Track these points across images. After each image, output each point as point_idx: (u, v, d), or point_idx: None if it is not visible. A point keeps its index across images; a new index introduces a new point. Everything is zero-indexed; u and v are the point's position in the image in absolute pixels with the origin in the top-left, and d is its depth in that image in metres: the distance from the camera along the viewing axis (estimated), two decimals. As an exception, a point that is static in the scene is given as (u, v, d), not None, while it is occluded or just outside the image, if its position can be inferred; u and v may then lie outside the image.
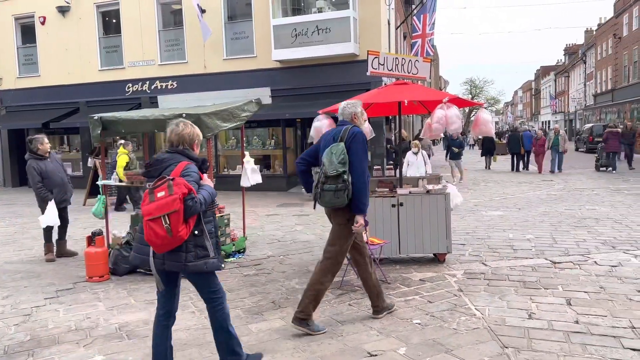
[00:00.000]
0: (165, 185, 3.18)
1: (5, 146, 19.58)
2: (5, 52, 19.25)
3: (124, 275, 6.39)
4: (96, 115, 6.88)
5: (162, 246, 3.21)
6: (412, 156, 10.68)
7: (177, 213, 3.12)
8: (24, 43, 19.25)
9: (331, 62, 14.79)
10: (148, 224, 3.17)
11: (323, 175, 4.06)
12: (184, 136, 3.48)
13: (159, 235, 3.14)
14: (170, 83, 16.88)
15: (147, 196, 3.23)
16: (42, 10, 18.29)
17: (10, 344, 4.30)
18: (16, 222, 11.06)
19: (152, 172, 3.42)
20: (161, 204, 3.14)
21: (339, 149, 4.07)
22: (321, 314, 4.79)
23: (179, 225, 3.15)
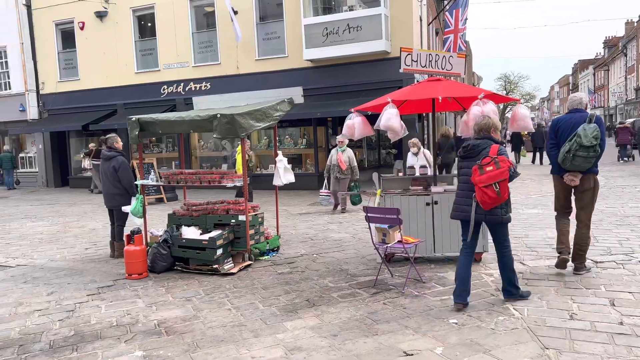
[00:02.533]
0: (492, 162, 4.48)
1: (48, 148, 20.29)
2: (47, 58, 19.95)
3: (162, 272, 6.54)
4: (134, 117, 7.06)
5: (490, 204, 4.53)
6: (411, 157, 10.16)
7: (505, 181, 4.45)
8: (64, 48, 19.89)
9: (362, 60, 14.74)
10: (482, 190, 4.48)
11: (577, 145, 5.16)
12: (486, 126, 4.80)
13: (491, 197, 4.46)
14: (204, 84, 17.15)
15: (477, 170, 4.52)
16: (81, 15, 18.86)
17: (55, 339, 4.46)
18: (58, 221, 11.45)
19: (472, 154, 4.73)
20: (492, 174, 4.44)
21: (591, 127, 5.16)
22: (355, 312, 4.79)
23: (505, 189, 4.48)
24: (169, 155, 18.76)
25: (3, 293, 5.89)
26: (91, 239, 9.12)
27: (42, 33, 19.89)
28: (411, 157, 10.04)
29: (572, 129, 5.36)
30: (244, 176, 7.02)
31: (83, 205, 14.24)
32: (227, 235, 6.69)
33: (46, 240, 9.16)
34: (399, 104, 6.26)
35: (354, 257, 7.01)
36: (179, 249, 6.65)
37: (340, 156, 10.68)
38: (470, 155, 4.74)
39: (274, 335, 4.33)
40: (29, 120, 20.21)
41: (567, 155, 5.27)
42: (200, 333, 4.45)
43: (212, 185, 7.26)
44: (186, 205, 7.55)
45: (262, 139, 17.51)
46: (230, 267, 6.52)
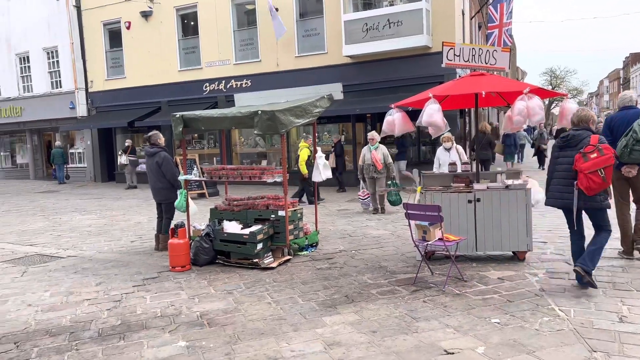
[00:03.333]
0: (595, 149, 4.74)
1: (96, 144, 21.06)
2: (96, 57, 20.69)
3: (204, 265, 6.68)
4: (178, 114, 7.24)
5: (596, 190, 4.75)
6: (443, 153, 9.33)
7: (610, 167, 4.70)
8: (111, 47, 20.58)
9: (402, 55, 14.58)
10: (587, 176, 4.70)
11: (634, 140, 5.37)
12: (585, 117, 5.04)
13: (596, 182, 4.68)
14: (244, 81, 17.39)
15: (581, 158, 4.77)
16: (128, 15, 19.45)
17: (104, 327, 4.63)
18: (106, 214, 11.88)
19: (571, 143, 4.97)
20: (597, 161, 4.69)
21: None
22: (394, 309, 4.76)
23: (609, 175, 4.71)
24: (210, 151, 19.13)
25: (55, 282, 6.16)
26: (136, 232, 9.42)
27: (91, 33, 20.64)
28: (442, 153, 9.33)
29: (627, 124, 5.58)
30: (284, 172, 7.07)
31: (128, 199, 14.71)
32: (267, 230, 6.77)
33: (94, 233, 9.52)
34: (440, 99, 6.17)
35: (393, 254, 6.97)
36: (220, 243, 6.78)
37: (374, 154, 10.11)
38: (570, 145, 4.98)
39: (313, 329, 4.36)
40: (78, 117, 21.03)
41: (625, 150, 5.46)
42: (241, 325, 4.53)
43: (252, 181, 7.36)
44: (228, 200, 7.68)
45: (300, 135, 17.59)
46: (270, 262, 6.60)
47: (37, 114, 22.22)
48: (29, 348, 4.21)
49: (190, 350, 4.04)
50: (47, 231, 9.87)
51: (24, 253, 7.93)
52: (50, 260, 7.35)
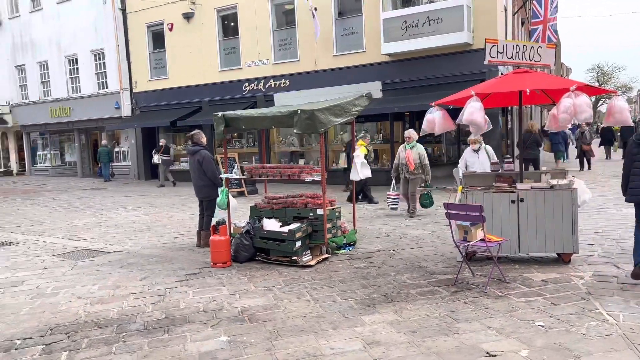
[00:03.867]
0: None
1: (139, 143, 21.69)
2: (140, 58, 21.31)
3: (244, 262, 6.80)
4: (220, 113, 7.38)
5: None
6: (471, 155, 8.77)
7: None
8: (154, 49, 21.14)
9: (442, 52, 14.37)
10: None
11: None
12: None
13: None
14: (283, 81, 17.53)
15: None
16: (170, 17, 19.94)
17: (149, 321, 4.78)
18: (149, 211, 12.23)
19: None
20: None
21: None
22: (434, 309, 4.71)
23: None
24: (249, 150, 19.38)
25: (103, 276, 6.40)
26: (179, 229, 9.67)
27: (135, 35, 21.27)
28: (470, 154, 8.76)
29: None
30: (323, 170, 7.11)
31: (171, 197, 15.10)
32: (306, 228, 6.82)
33: (139, 229, 9.82)
34: (482, 97, 6.05)
35: (432, 254, 6.89)
36: (260, 240, 6.87)
37: (409, 154, 9.70)
38: None
39: (352, 328, 4.37)
40: (123, 117, 21.71)
41: None
42: (281, 322, 4.58)
43: (291, 179, 7.43)
44: (267, 198, 7.78)
45: (337, 134, 17.62)
46: (309, 260, 6.65)
47: (84, 113, 23.08)
48: (79, 338, 4.40)
49: (231, 345, 4.12)
50: (94, 227, 10.26)
51: (73, 248, 8.27)
52: (97, 255, 7.64)
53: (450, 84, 13.75)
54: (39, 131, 26.31)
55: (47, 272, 6.70)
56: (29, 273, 6.71)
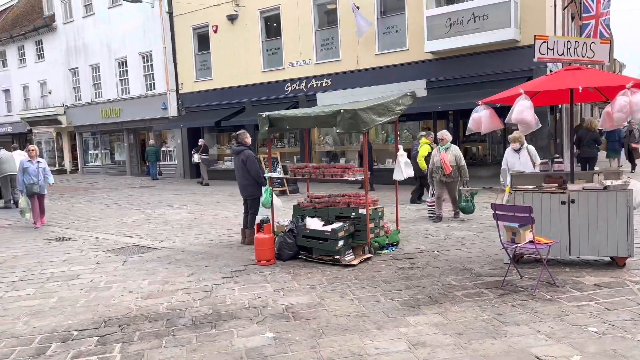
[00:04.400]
0: None
1: (185, 143, 22.25)
2: (186, 60, 21.87)
3: (287, 260, 6.87)
4: (264, 113, 7.49)
5: None
6: (512, 155, 8.27)
7: None
8: (199, 50, 21.65)
9: (488, 50, 14.06)
10: None
11: None
12: None
13: None
14: (324, 81, 17.59)
15: None
16: (215, 19, 20.36)
17: (197, 316, 4.91)
18: (195, 209, 12.54)
19: None
20: None
21: None
22: (481, 312, 4.63)
23: None
24: (290, 150, 19.56)
25: (152, 272, 6.62)
26: (223, 227, 9.87)
27: (181, 37, 21.84)
28: (511, 155, 8.28)
29: None
30: (365, 170, 7.09)
31: (215, 195, 15.42)
32: (348, 228, 6.83)
33: (185, 226, 10.09)
34: (531, 95, 5.89)
35: (478, 256, 6.76)
36: (303, 239, 6.93)
37: (444, 156, 9.19)
38: None
39: (397, 328, 4.35)
40: (169, 117, 22.34)
41: None
42: (325, 320, 4.61)
43: (334, 179, 7.46)
44: (310, 197, 7.84)
45: (379, 133, 17.53)
46: (351, 259, 6.65)
47: (133, 114, 23.90)
48: (131, 331, 4.57)
49: (277, 342, 4.18)
50: (143, 224, 10.61)
51: (123, 244, 8.58)
52: (147, 251, 7.90)
53: (496, 82, 13.45)
54: (90, 131, 27.43)
55: (100, 267, 6.99)
56: (83, 267, 7.01)
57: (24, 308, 5.33)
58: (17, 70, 30.25)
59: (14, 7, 34.13)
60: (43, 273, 6.78)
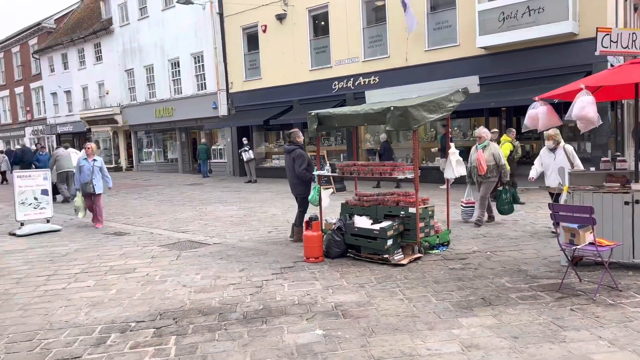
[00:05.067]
0: None
1: (235, 141, 22.67)
2: (236, 60, 22.28)
3: (336, 258, 6.87)
4: (313, 112, 7.51)
5: None
6: (547, 155, 7.74)
7: None
8: (249, 50, 22.00)
9: (543, 44, 13.54)
10: None
11: None
12: None
13: None
14: (372, 78, 17.48)
15: None
16: (264, 19, 20.63)
17: (248, 311, 4.99)
18: (245, 206, 12.76)
19: None
20: None
21: None
22: (537, 315, 4.47)
23: None
24: (337, 148, 19.56)
25: (204, 267, 6.79)
26: (272, 224, 9.99)
27: (231, 37, 22.27)
28: (546, 154, 7.74)
29: None
30: (416, 168, 6.99)
31: (264, 193, 15.64)
32: (398, 227, 6.75)
33: (235, 223, 10.28)
34: (592, 91, 5.63)
35: (533, 257, 6.53)
36: (351, 237, 6.91)
37: (480, 155, 8.62)
38: None
39: (449, 330, 4.26)
40: (219, 116, 22.83)
41: None
42: (375, 319, 4.58)
43: (383, 177, 7.39)
44: (358, 195, 7.81)
45: (428, 131, 17.24)
46: (401, 258, 6.57)
47: (185, 113, 24.59)
48: (185, 324, 4.69)
49: (327, 339, 4.19)
50: (195, 220, 10.89)
51: (177, 239, 8.84)
52: (199, 247, 8.11)
53: (552, 77, 12.96)
54: (144, 130, 28.44)
55: (154, 261, 7.23)
56: (139, 261, 7.27)
57: (85, 299, 5.59)
58: (77, 72, 31.75)
59: (74, 11, 35.86)
60: (102, 266, 7.08)
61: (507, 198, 8.70)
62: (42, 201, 10.30)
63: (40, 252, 8.17)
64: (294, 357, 3.88)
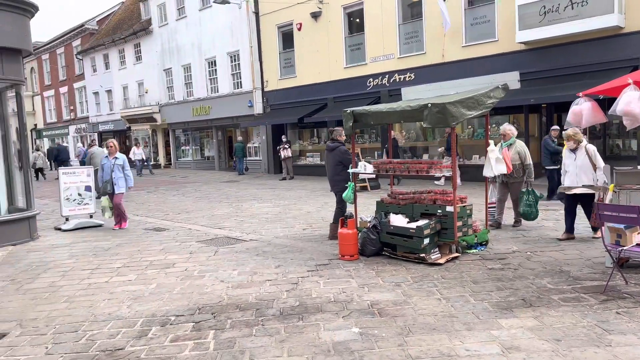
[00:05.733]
0: None
1: (269, 139, 22.87)
2: (271, 58, 22.45)
3: (371, 256, 6.85)
4: (349, 109, 7.50)
5: None
6: (568, 155, 7.22)
7: None
8: (284, 48, 22.13)
9: (587, 38, 13.09)
10: None
11: None
12: None
13: None
14: (408, 75, 17.30)
15: None
16: (299, 17, 20.70)
17: (284, 307, 5.03)
18: (279, 203, 12.86)
19: None
20: None
21: None
22: (581, 318, 4.33)
23: None
24: (371, 145, 19.45)
25: (241, 263, 6.88)
26: (307, 221, 10.03)
27: (267, 36, 22.44)
28: (567, 155, 7.23)
29: None
30: (454, 166, 6.88)
31: (298, 190, 15.73)
32: (434, 225, 6.66)
33: (271, 220, 10.38)
34: (640, 86, 5.40)
35: (576, 258, 6.33)
36: (387, 235, 6.87)
37: (505, 153, 7.97)
38: None
39: (488, 331, 4.18)
40: (255, 114, 23.07)
41: None
42: (412, 319, 4.54)
43: (419, 175, 7.30)
44: (393, 193, 7.75)
45: (465, 128, 16.94)
46: (438, 258, 6.49)
47: (221, 112, 24.96)
48: (223, 319, 4.77)
49: (363, 337, 4.18)
50: (232, 216, 11.05)
51: (214, 235, 8.99)
52: (236, 243, 8.22)
53: (595, 73, 12.54)
54: (182, 128, 29.02)
55: (193, 257, 7.37)
56: (178, 256, 7.44)
57: (127, 292, 5.75)
58: (118, 72, 32.66)
59: (115, 12, 36.91)
60: (143, 261, 7.28)
61: (529, 200, 8.01)
62: (86, 197, 10.66)
63: (83, 247, 8.46)
64: (331, 355, 3.89)
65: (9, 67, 8.87)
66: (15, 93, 9.46)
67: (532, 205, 8.00)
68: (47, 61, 41.15)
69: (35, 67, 42.46)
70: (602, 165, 6.83)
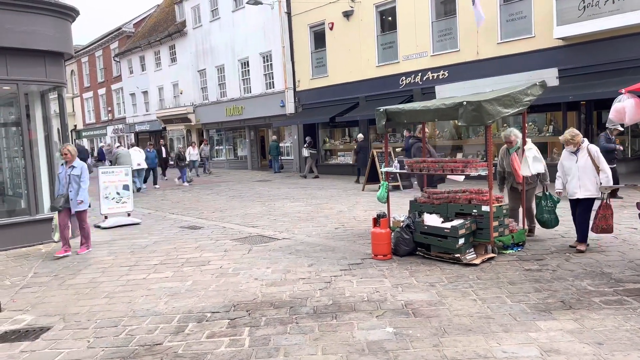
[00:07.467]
0: None
1: (301, 139, 22.96)
2: (303, 58, 22.54)
3: (404, 256, 6.80)
4: (382, 108, 7.46)
5: None
6: (568, 158, 6.72)
7: None
8: (316, 48, 22.18)
9: (628, 33, 12.62)
10: None
11: None
12: None
13: None
14: (441, 73, 17.07)
15: None
16: (331, 16, 20.71)
17: (318, 306, 5.05)
18: (311, 202, 12.91)
19: None
20: None
21: None
22: (624, 321, 4.19)
23: None
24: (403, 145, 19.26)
25: (275, 261, 6.94)
26: (339, 220, 10.03)
27: (299, 36, 22.54)
28: (567, 157, 6.73)
29: None
30: (490, 165, 6.76)
31: (330, 189, 15.74)
32: (470, 225, 6.56)
33: (303, 219, 10.42)
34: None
35: (618, 260, 6.13)
36: (420, 235, 6.81)
37: (514, 159, 7.38)
38: None
39: (526, 332, 4.10)
40: (287, 114, 23.20)
41: None
42: (447, 319, 4.49)
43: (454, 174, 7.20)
44: (427, 193, 7.67)
45: (500, 126, 16.59)
46: (473, 258, 6.39)
47: (254, 112, 25.21)
48: (258, 316, 4.83)
49: (397, 337, 4.16)
50: (265, 215, 11.15)
51: (248, 234, 9.10)
52: (269, 241, 8.30)
53: (637, 69, 12.08)
54: (216, 128, 29.45)
55: (227, 255, 7.48)
56: (212, 254, 7.56)
57: (164, 289, 5.89)
58: (154, 73, 33.41)
59: (151, 15, 37.76)
60: (179, 258, 7.43)
61: (548, 206, 7.33)
62: (124, 196, 10.96)
63: (122, 244, 8.70)
64: (365, 354, 3.88)
65: (51, 70, 9.19)
66: (57, 95, 9.80)
67: (551, 212, 7.36)
68: (86, 64, 42.45)
69: (75, 70, 43.85)
70: (606, 166, 6.42)
